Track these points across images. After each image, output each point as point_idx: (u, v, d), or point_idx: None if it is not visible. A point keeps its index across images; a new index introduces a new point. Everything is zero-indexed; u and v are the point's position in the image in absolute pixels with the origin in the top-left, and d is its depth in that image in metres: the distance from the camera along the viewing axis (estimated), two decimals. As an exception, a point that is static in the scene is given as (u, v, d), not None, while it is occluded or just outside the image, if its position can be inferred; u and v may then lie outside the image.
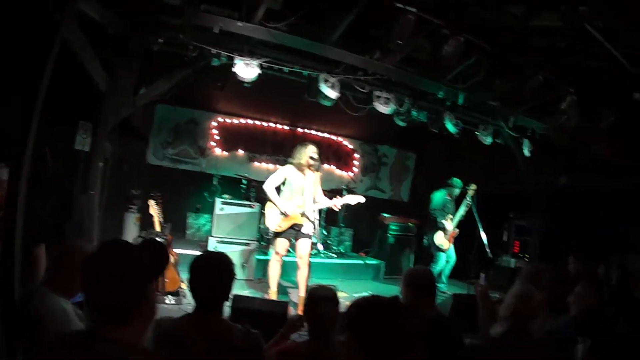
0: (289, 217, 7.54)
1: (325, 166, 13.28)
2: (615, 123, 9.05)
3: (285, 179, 7.72)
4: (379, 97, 8.54)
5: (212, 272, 3.13)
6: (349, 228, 12.87)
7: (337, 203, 7.84)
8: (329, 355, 3.29)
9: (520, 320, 3.62)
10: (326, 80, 7.93)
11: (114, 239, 2.25)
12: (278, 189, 7.72)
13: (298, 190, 7.63)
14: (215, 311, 3.12)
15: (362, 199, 8.07)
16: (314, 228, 7.67)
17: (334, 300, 3.61)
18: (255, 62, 7.35)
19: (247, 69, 7.31)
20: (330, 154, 13.71)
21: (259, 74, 7.42)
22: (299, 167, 7.66)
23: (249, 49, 7.42)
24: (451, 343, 3.92)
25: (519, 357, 3.39)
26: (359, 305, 2.60)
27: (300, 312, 3.98)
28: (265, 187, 7.66)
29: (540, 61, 8.00)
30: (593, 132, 9.46)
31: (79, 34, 5.57)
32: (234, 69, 7.28)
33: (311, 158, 7.59)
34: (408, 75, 8.35)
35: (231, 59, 7.28)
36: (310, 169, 7.66)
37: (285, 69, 7.83)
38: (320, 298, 3.57)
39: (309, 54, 7.68)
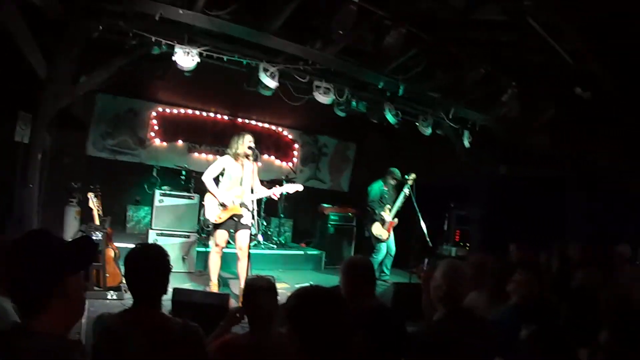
0: (227, 208, 7.49)
1: (265, 157, 13.21)
2: (555, 115, 9.26)
3: (224, 170, 7.67)
4: (318, 87, 8.60)
5: (145, 264, 3.08)
6: (289, 219, 12.91)
7: (275, 192, 7.86)
8: (269, 346, 3.27)
9: (455, 297, 3.66)
10: (266, 70, 7.91)
11: (35, 230, 2.22)
12: (217, 180, 7.68)
13: (237, 181, 7.60)
14: (154, 305, 3.07)
15: (300, 187, 8.04)
16: (253, 218, 7.65)
17: (272, 290, 3.58)
18: (195, 51, 7.29)
19: (186, 58, 7.24)
20: (270, 144, 13.63)
21: (199, 63, 7.36)
22: (237, 157, 7.61)
23: (189, 37, 7.33)
24: (392, 332, 3.93)
25: (460, 339, 3.41)
26: (298, 295, 2.58)
27: (240, 304, 3.95)
28: (204, 178, 7.61)
29: (482, 54, 8.10)
30: (533, 124, 9.65)
31: (18, 18, 5.40)
32: (173, 58, 7.19)
33: (249, 148, 7.54)
34: (349, 65, 8.38)
35: (171, 48, 7.18)
36: (248, 158, 7.63)
37: (225, 57, 7.77)
38: (258, 289, 3.54)
39: (249, 43, 7.64)
